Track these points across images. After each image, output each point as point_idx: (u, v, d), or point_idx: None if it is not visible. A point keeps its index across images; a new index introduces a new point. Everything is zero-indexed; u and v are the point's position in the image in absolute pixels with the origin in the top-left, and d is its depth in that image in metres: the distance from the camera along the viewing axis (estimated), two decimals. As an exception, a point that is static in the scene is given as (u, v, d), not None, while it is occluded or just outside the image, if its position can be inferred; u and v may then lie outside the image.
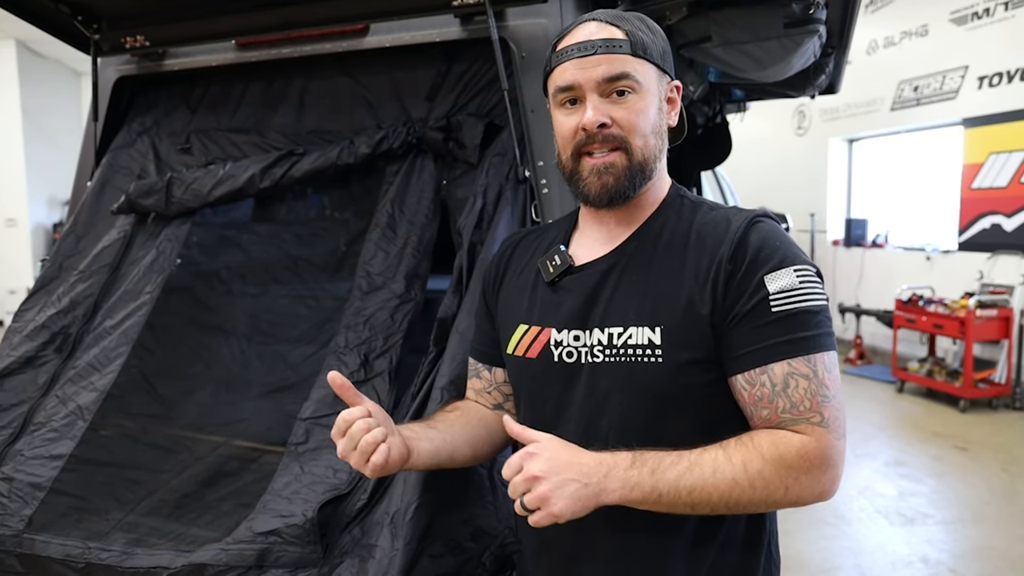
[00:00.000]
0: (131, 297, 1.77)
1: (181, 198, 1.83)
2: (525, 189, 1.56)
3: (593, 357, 1.02)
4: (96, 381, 1.64)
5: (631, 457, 0.92)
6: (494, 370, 1.22)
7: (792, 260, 0.96)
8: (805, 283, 0.95)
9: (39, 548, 1.37)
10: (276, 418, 1.55)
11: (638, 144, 1.03)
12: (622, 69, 1.01)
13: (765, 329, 0.94)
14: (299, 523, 1.24)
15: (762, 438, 0.94)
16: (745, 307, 0.95)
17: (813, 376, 0.93)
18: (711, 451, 0.93)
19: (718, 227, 1.01)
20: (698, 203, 1.09)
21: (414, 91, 1.80)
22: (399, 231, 1.68)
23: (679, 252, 1.02)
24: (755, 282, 0.95)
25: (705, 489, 0.91)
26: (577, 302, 1.05)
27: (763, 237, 0.98)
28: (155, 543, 1.34)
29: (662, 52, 1.07)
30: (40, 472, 1.50)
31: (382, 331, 1.55)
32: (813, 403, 0.93)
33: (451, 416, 1.18)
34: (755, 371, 0.95)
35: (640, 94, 1.02)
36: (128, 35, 1.94)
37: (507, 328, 1.15)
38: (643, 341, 0.98)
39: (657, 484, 0.90)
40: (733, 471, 0.91)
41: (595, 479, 0.90)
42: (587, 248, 1.11)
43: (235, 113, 2.00)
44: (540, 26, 1.60)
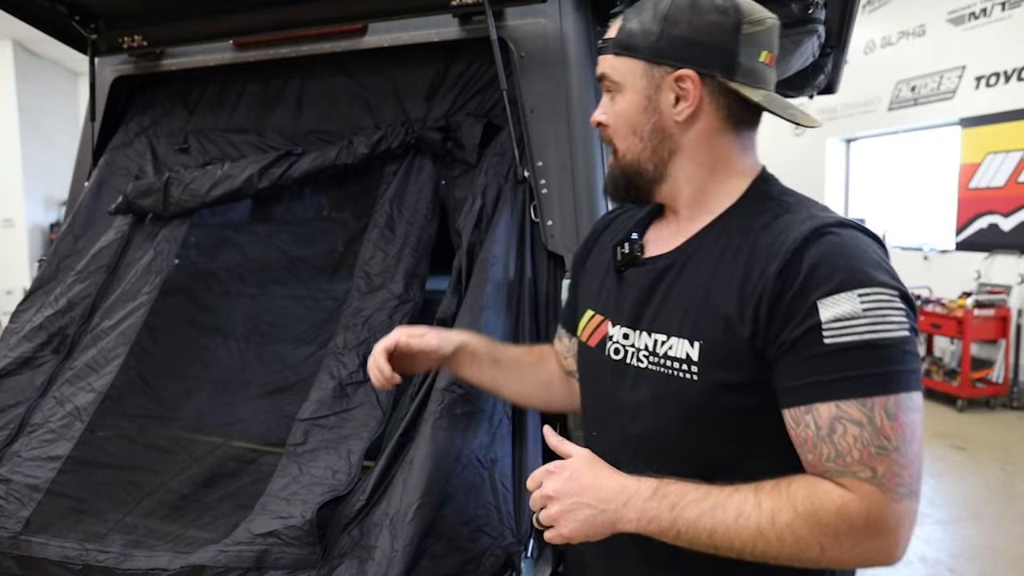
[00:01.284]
0: (129, 298, 1.76)
1: (179, 198, 1.83)
2: (524, 189, 1.56)
3: (639, 361, 0.97)
4: (94, 382, 1.64)
5: (654, 487, 0.86)
6: (574, 339, 1.18)
7: (858, 282, 0.80)
8: (873, 311, 0.80)
9: (36, 550, 1.36)
10: (274, 419, 1.54)
11: (620, 146, 1.01)
12: (601, 70, 1.01)
13: (813, 363, 0.81)
14: (298, 524, 1.24)
15: (799, 487, 0.82)
16: (792, 335, 0.82)
17: (867, 423, 0.79)
18: (742, 492, 0.83)
19: (780, 235, 0.86)
20: (775, 202, 0.94)
21: (413, 91, 1.79)
22: (398, 231, 1.67)
23: (733, 261, 0.90)
24: (806, 307, 0.81)
25: (727, 535, 0.82)
26: (634, 298, 1.00)
27: (825, 252, 0.82)
28: (153, 544, 1.34)
29: (658, 41, 0.94)
30: (37, 474, 1.49)
31: (381, 331, 1.54)
32: (863, 455, 0.79)
33: (524, 361, 1.27)
34: (799, 409, 0.83)
35: (620, 93, 0.99)
36: (125, 35, 1.94)
37: (581, 309, 1.13)
38: (681, 355, 0.91)
39: (676, 521, 0.84)
40: (759, 520, 0.81)
41: (612, 506, 0.86)
42: (657, 240, 1.04)
43: (233, 113, 1.99)
44: (539, 26, 1.59)
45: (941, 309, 5.87)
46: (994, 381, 5.79)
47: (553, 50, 1.59)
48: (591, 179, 1.55)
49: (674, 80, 0.95)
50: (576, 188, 1.54)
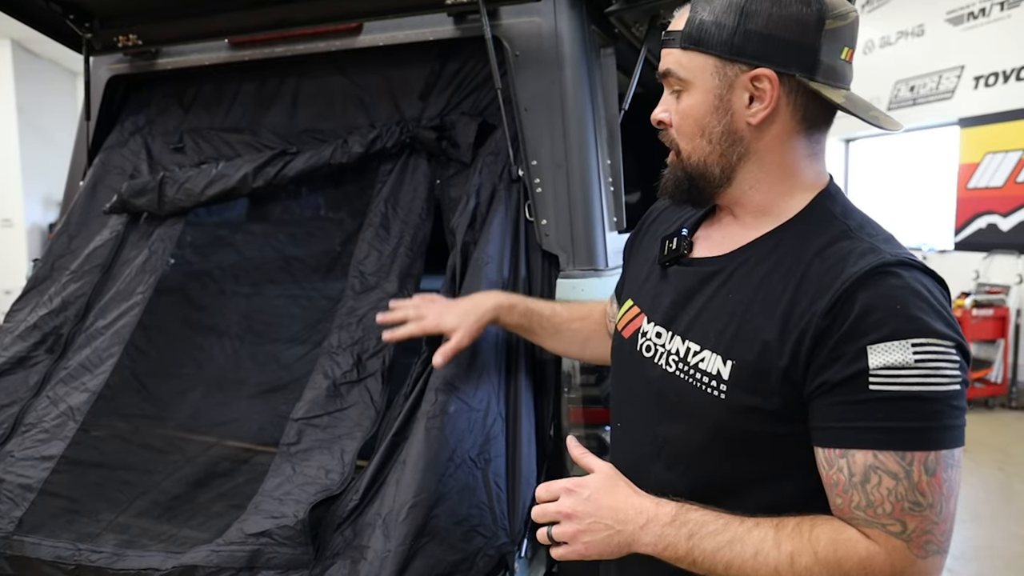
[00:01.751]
0: (123, 297, 1.76)
1: (174, 198, 1.82)
2: (518, 188, 1.55)
3: (668, 365, 0.94)
4: (88, 382, 1.63)
5: (674, 513, 0.85)
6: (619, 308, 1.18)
7: (913, 331, 0.76)
8: (926, 362, 0.75)
9: (29, 550, 1.36)
10: (268, 418, 1.54)
11: (685, 147, 0.93)
12: (666, 66, 0.91)
13: (855, 408, 0.77)
14: (290, 524, 1.24)
15: (823, 531, 0.80)
16: (836, 376, 0.78)
17: (904, 477, 0.75)
18: (762, 528, 0.81)
19: (835, 266, 0.81)
20: (838, 223, 0.88)
21: (407, 90, 1.79)
22: (392, 230, 1.67)
23: (783, 283, 0.85)
24: (856, 349, 0.77)
25: (743, 570, 0.81)
26: (673, 298, 0.96)
27: (881, 295, 0.78)
28: (146, 544, 1.33)
29: (734, 35, 0.86)
30: (30, 473, 1.49)
31: (375, 331, 1.54)
32: (896, 509, 0.76)
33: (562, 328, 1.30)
34: (834, 452, 0.80)
35: (690, 92, 0.90)
36: (120, 34, 1.93)
37: (623, 296, 1.11)
38: (713, 370, 0.87)
39: (692, 551, 0.83)
40: (777, 560, 0.79)
41: (630, 528, 0.85)
42: (707, 240, 0.99)
43: (228, 112, 1.99)
44: (534, 25, 1.59)
45: (940, 309, 5.87)
46: (992, 381, 5.78)
47: (548, 49, 1.58)
48: (585, 178, 1.54)
49: (750, 79, 0.87)
50: (571, 187, 1.53)
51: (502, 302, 1.28)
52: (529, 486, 1.37)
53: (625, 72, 1.89)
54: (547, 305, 1.33)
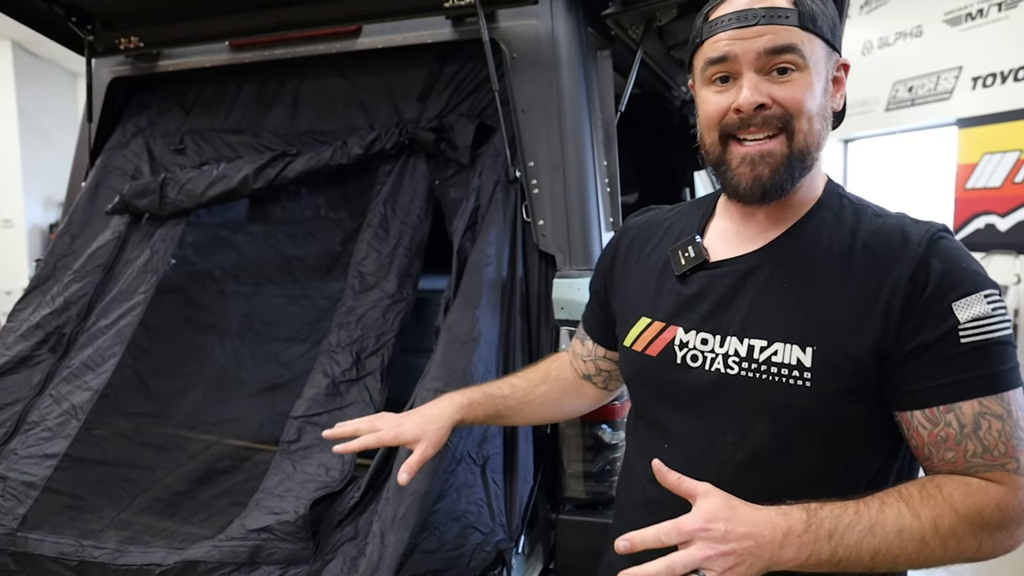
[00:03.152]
0: (125, 297, 1.78)
1: (175, 199, 1.84)
2: (516, 189, 1.57)
3: (728, 368, 0.90)
4: (90, 380, 1.65)
5: (806, 518, 0.79)
6: (597, 345, 1.17)
7: (982, 284, 0.83)
8: (996, 310, 0.82)
9: (32, 546, 1.37)
10: (269, 416, 1.56)
11: (803, 128, 0.88)
12: (787, 41, 0.86)
13: (953, 362, 0.82)
14: (291, 520, 1.25)
15: (953, 489, 0.81)
16: (930, 337, 0.82)
17: (1008, 416, 0.81)
18: (892, 505, 0.80)
19: (891, 238, 0.87)
20: (861, 205, 0.94)
21: (406, 92, 1.81)
22: (391, 231, 1.69)
23: (841, 263, 0.88)
24: (942, 309, 0.82)
25: (891, 552, 0.79)
26: (710, 302, 0.94)
27: (949, 256, 0.84)
28: (148, 541, 1.35)
29: (832, 24, 0.91)
30: (34, 471, 1.51)
31: (374, 330, 1.56)
32: (1009, 447, 0.81)
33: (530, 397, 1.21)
34: (939, 409, 0.83)
35: (806, 72, 0.87)
36: (122, 36, 1.95)
37: (627, 317, 1.05)
38: (791, 360, 0.86)
39: (836, 550, 0.78)
40: (922, 530, 0.79)
41: (770, 548, 0.78)
42: (724, 242, 0.98)
43: (229, 114, 2.00)
44: (531, 27, 1.61)
45: (938, 309, 5.89)
46: (991, 381, 5.80)
47: (545, 51, 1.60)
48: (582, 178, 1.56)
49: (838, 67, 0.92)
50: (567, 187, 1.55)
51: (462, 403, 1.15)
52: (526, 483, 1.38)
53: (621, 74, 1.91)
54: (505, 384, 1.22)
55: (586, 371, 1.21)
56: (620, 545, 0.78)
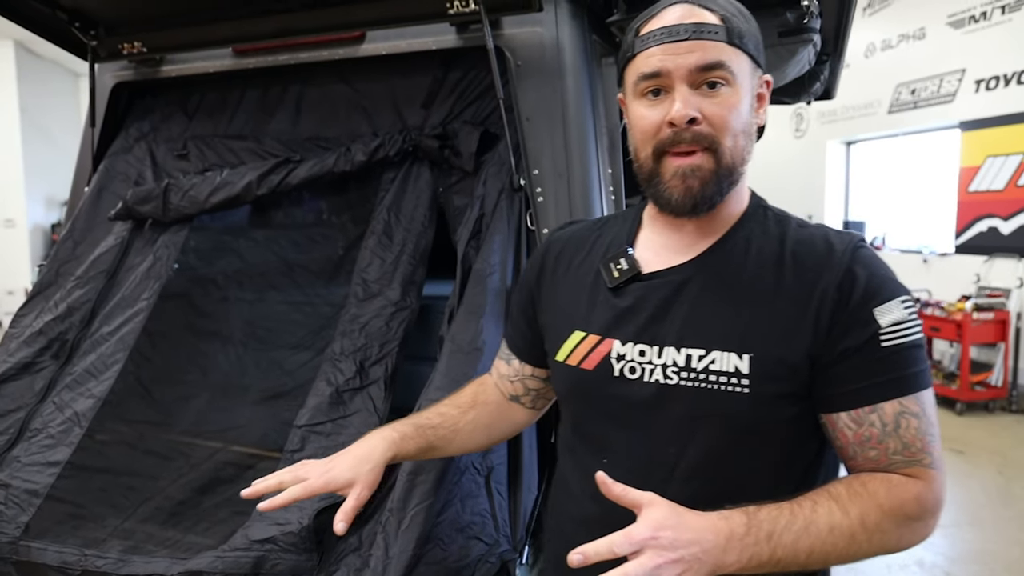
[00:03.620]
0: (128, 303, 1.77)
1: (178, 205, 1.84)
2: (521, 198, 1.57)
3: (667, 378, 0.93)
4: (93, 388, 1.65)
5: (746, 522, 0.82)
6: (523, 364, 1.16)
7: (899, 291, 0.89)
8: (911, 315, 0.88)
9: (35, 555, 1.37)
10: (272, 424, 1.55)
11: (727, 145, 0.91)
12: (717, 58, 0.89)
13: (875, 365, 0.87)
14: (295, 531, 1.25)
15: (878, 486, 0.86)
16: (855, 341, 0.87)
17: (923, 414, 0.87)
18: (823, 504, 0.84)
19: (816, 248, 0.92)
20: (784, 216, 0.99)
21: (410, 98, 1.80)
22: (395, 238, 1.68)
23: (772, 272, 0.92)
24: (865, 315, 0.87)
25: (824, 548, 0.83)
26: (646, 314, 0.96)
27: (869, 265, 0.90)
28: (151, 550, 1.35)
29: (757, 42, 0.95)
30: (37, 479, 1.50)
31: (378, 338, 1.56)
32: (924, 443, 0.87)
33: (460, 425, 1.16)
34: (863, 410, 0.88)
35: (733, 87, 0.90)
36: (125, 41, 1.95)
37: (558, 332, 1.05)
38: (729, 368, 0.89)
39: (775, 550, 0.81)
40: (852, 526, 0.83)
41: (714, 553, 0.80)
42: (655, 254, 1.00)
43: (232, 119, 2.00)
44: (535, 35, 1.60)
45: (940, 312, 5.88)
46: (993, 384, 5.79)
47: (549, 59, 1.60)
48: (587, 187, 1.56)
49: (762, 82, 0.96)
50: (572, 196, 1.55)
51: (393, 438, 1.11)
52: (530, 493, 1.38)
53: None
54: (434, 413, 1.18)
55: (513, 392, 1.19)
56: (574, 559, 0.79)
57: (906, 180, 7.75)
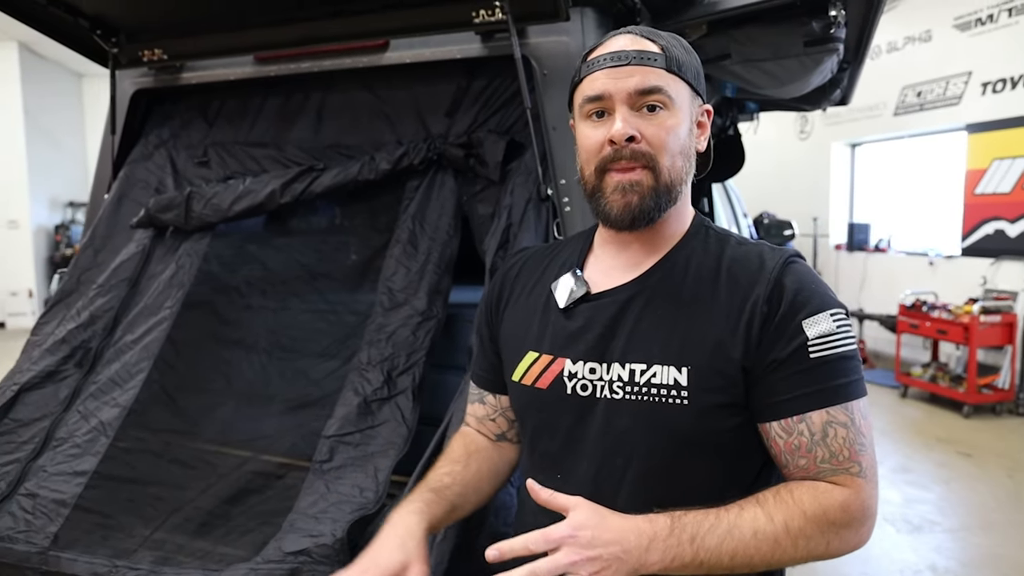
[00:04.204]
0: (151, 312, 1.77)
1: (201, 213, 1.84)
2: (547, 207, 1.57)
3: (612, 393, 0.97)
4: (118, 396, 1.65)
5: (669, 524, 0.86)
6: (499, 396, 1.17)
7: (828, 304, 0.93)
8: (841, 328, 0.92)
9: (65, 566, 1.37)
10: (300, 434, 1.55)
11: (665, 164, 0.97)
12: (655, 82, 0.96)
13: (803, 376, 0.90)
14: (329, 543, 1.25)
15: (803, 493, 0.89)
16: (782, 353, 0.91)
17: (851, 424, 0.90)
18: (749, 510, 0.88)
19: (750, 264, 0.96)
20: (725, 235, 1.04)
21: (434, 107, 1.80)
22: (420, 247, 1.68)
23: (708, 288, 0.97)
24: (793, 327, 0.91)
25: (747, 552, 0.86)
26: (594, 333, 1.00)
27: (799, 279, 0.94)
28: (182, 561, 1.35)
29: (696, 73, 1.02)
30: (64, 488, 1.50)
31: (405, 348, 1.56)
32: (852, 452, 0.90)
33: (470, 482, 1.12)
34: (792, 419, 0.91)
35: (671, 111, 0.97)
36: (146, 48, 1.95)
37: (513, 353, 1.09)
38: (668, 381, 0.93)
39: (698, 553, 0.85)
40: (775, 531, 0.86)
41: (636, 553, 0.84)
42: (604, 274, 1.05)
43: (253, 126, 2.00)
44: (562, 44, 1.60)
45: (947, 315, 5.88)
46: (1000, 387, 5.79)
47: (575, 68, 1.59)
48: (614, 197, 1.55)
49: (702, 111, 1.04)
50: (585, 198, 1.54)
51: (421, 508, 1.02)
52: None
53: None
54: (440, 475, 1.11)
55: (497, 430, 1.18)
56: (490, 554, 0.84)
57: (912, 182, 7.75)
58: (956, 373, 5.98)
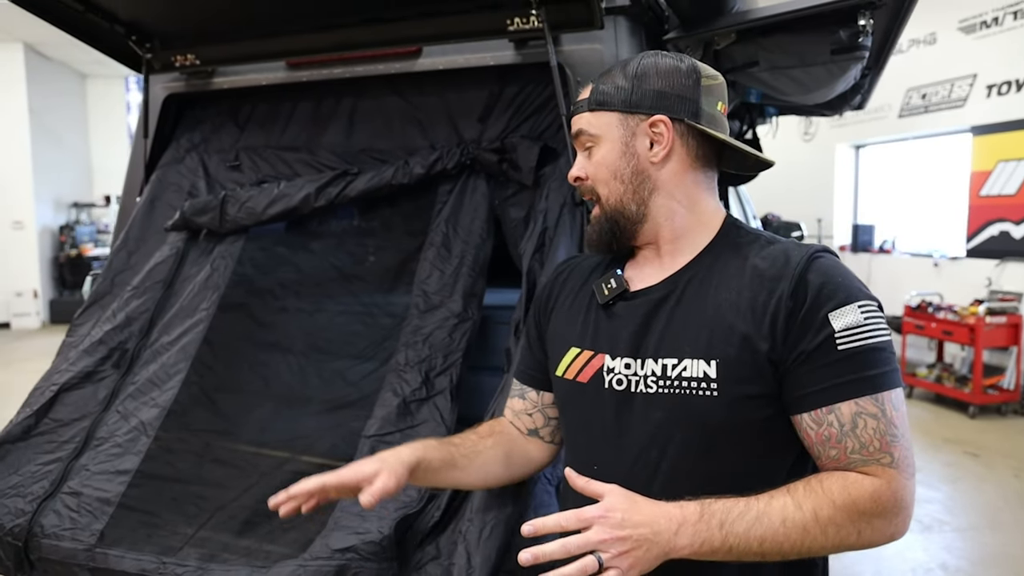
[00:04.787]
0: (187, 313, 1.80)
1: (235, 216, 1.86)
2: (581, 211, 1.60)
3: (647, 387, 1.02)
4: (157, 397, 1.67)
5: (699, 510, 0.89)
6: (541, 393, 1.22)
7: (856, 296, 0.95)
8: (870, 319, 0.93)
9: (113, 562, 1.40)
10: (339, 435, 1.58)
11: (603, 192, 1.08)
12: (577, 127, 1.10)
13: (831, 368, 0.93)
14: (375, 540, 1.27)
15: (832, 482, 0.92)
16: (810, 345, 0.93)
17: (881, 415, 0.92)
18: (779, 498, 0.91)
19: (776, 261, 0.99)
20: (754, 236, 1.08)
21: (466, 112, 1.83)
22: (454, 251, 1.71)
23: (736, 285, 1.00)
24: (819, 320, 0.93)
25: (776, 539, 0.88)
26: (629, 330, 1.05)
27: (825, 272, 0.97)
28: (228, 559, 1.37)
29: (628, 94, 1.05)
30: (107, 487, 1.53)
31: (441, 349, 1.59)
32: (883, 443, 0.92)
33: (480, 448, 1.18)
34: (822, 411, 0.93)
35: (599, 144, 1.08)
36: (179, 54, 1.98)
37: (558, 349, 1.15)
38: (698, 374, 0.97)
39: (727, 538, 0.88)
40: (804, 519, 0.89)
41: (665, 536, 0.87)
42: (641, 275, 1.10)
43: (284, 131, 2.03)
44: (595, 52, 1.63)
45: (953, 316, 5.92)
46: (1005, 388, 5.83)
47: (609, 75, 1.62)
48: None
49: (648, 126, 1.06)
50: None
51: (417, 445, 1.12)
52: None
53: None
54: (455, 436, 1.22)
55: (532, 425, 1.23)
56: (526, 529, 0.87)
57: (917, 184, 7.79)
58: (961, 374, 6.02)
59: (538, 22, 1.57)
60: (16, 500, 1.53)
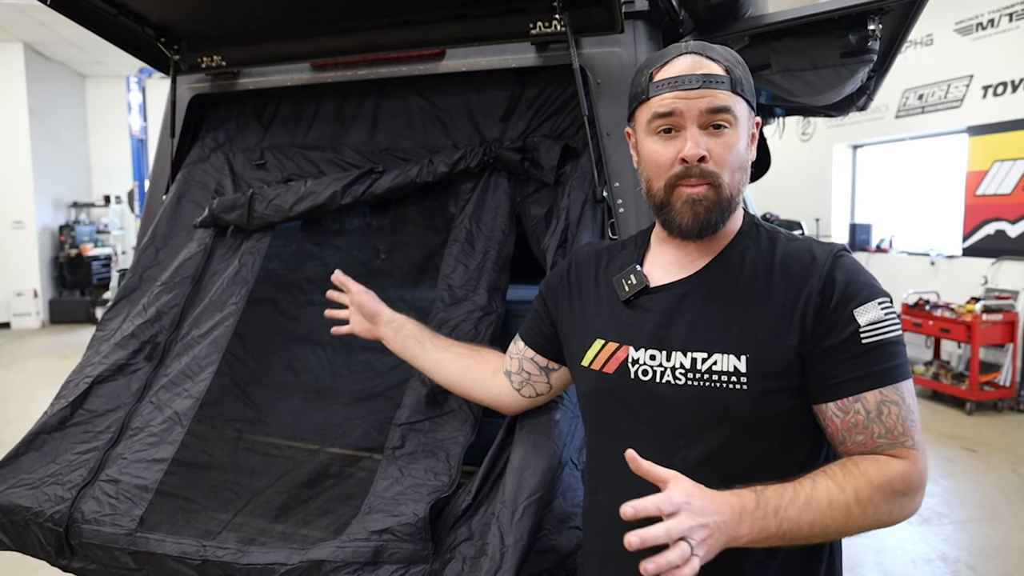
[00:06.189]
0: (217, 308, 1.85)
1: (263, 213, 1.92)
2: (603, 208, 1.65)
3: (675, 379, 1.05)
4: (190, 388, 1.72)
5: (755, 498, 0.92)
6: (528, 348, 1.33)
7: (876, 293, 1.02)
8: (888, 315, 1.01)
9: (154, 546, 1.44)
10: (370, 423, 1.63)
11: (726, 180, 1.05)
12: (723, 103, 1.04)
13: (857, 360, 0.99)
14: (411, 521, 1.33)
15: (868, 465, 0.97)
16: (836, 339, 0.99)
17: (902, 402, 0.99)
18: (821, 482, 0.95)
19: (802, 259, 1.05)
20: (775, 232, 1.12)
21: (488, 112, 1.88)
22: (477, 246, 1.76)
23: (763, 281, 1.05)
24: (846, 315, 0.99)
25: (823, 522, 0.93)
26: (653, 323, 1.09)
27: (849, 271, 1.03)
28: (266, 542, 1.42)
29: (752, 89, 1.11)
30: (145, 475, 1.58)
31: (467, 341, 1.64)
32: (905, 428, 0.99)
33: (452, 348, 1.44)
34: (848, 400, 0.99)
35: (734, 129, 1.05)
36: (205, 55, 2.03)
37: (581, 340, 1.18)
38: (728, 368, 1.01)
39: (781, 524, 0.91)
40: (847, 501, 0.94)
41: (730, 525, 0.89)
42: (662, 270, 1.14)
43: (309, 130, 2.08)
44: (615, 55, 1.69)
45: (949, 314, 6.00)
46: (1001, 384, 5.92)
47: (628, 77, 1.68)
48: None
49: (755, 123, 1.11)
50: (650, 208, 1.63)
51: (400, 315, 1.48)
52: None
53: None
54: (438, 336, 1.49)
55: (508, 367, 1.36)
56: (626, 511, 0.86)
57: (913, 184, 7.88)
58: (958, 371, 6.10)
59: (561, 26, 1.63)
60: (55, 488, 1.58)
